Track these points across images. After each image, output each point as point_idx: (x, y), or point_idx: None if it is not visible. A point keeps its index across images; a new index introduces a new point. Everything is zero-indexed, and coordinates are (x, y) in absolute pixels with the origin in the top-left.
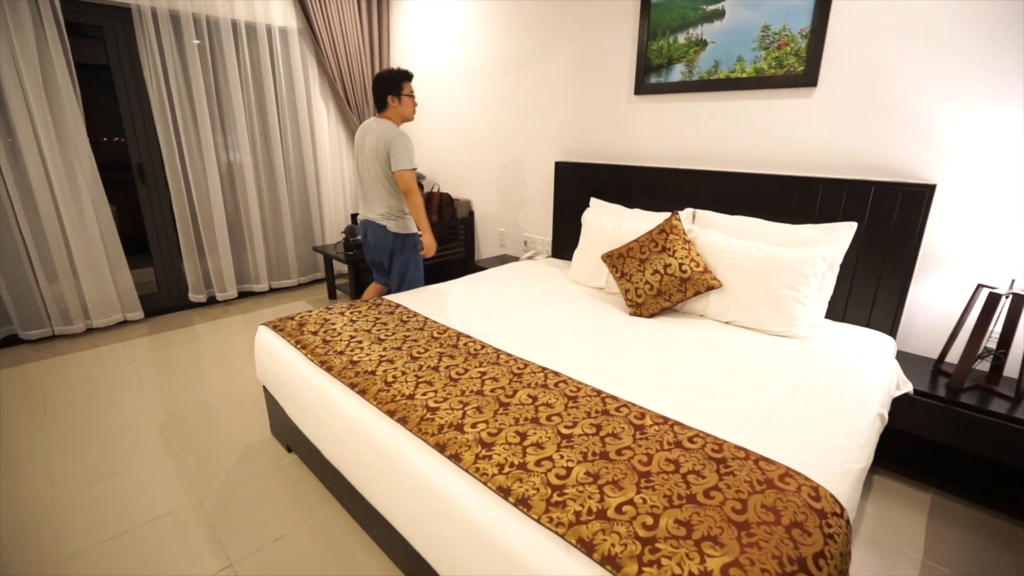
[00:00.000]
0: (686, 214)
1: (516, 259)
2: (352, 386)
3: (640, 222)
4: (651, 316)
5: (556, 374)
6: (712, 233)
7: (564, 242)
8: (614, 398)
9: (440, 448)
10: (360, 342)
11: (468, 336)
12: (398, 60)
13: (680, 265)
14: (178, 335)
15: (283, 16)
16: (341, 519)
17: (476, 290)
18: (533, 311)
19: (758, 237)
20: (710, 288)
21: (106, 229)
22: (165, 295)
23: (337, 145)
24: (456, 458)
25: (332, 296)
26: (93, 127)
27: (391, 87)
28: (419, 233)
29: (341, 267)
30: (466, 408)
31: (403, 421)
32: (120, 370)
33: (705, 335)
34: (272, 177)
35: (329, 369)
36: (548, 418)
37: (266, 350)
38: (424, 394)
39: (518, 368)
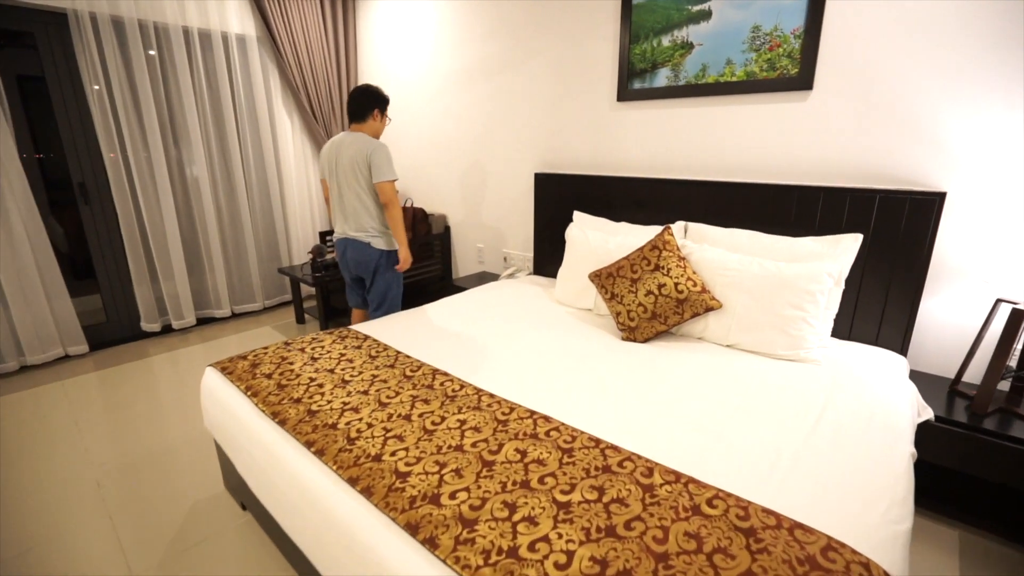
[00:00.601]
0: (678, 227)
1: (496, 276)
2: (308, 444)
3: (629, 237)
4: (646, 341)
5: (547, 419)
6: (708, 248)
7: (547, 258)
8: (615, 449)
9: (412, 529)
10: (321, 385)
11: (445, 373)
12: (366, 69)
13: (676, 285)
14: (128, 369)
15: (240, 23)
16: None
17: (453, 314)
18: (517, 338)
19: (756, 251)
20: (709, 309)
21: (41, 254)
22: (114, 325)
23: (303, 159)
24: (432, 543)
25: (300, 320)
26: (31, 143)
27: (380, 102)
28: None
29: (310, 289)
30: (443, 471)
31: (367, 492)
32: (57, 414)
33: (707, 362)
34: (232, 194)
35: (283, 422)
36: (541, 480)
37: (212, 397)
38: (393, 453)
39: (503, 413)
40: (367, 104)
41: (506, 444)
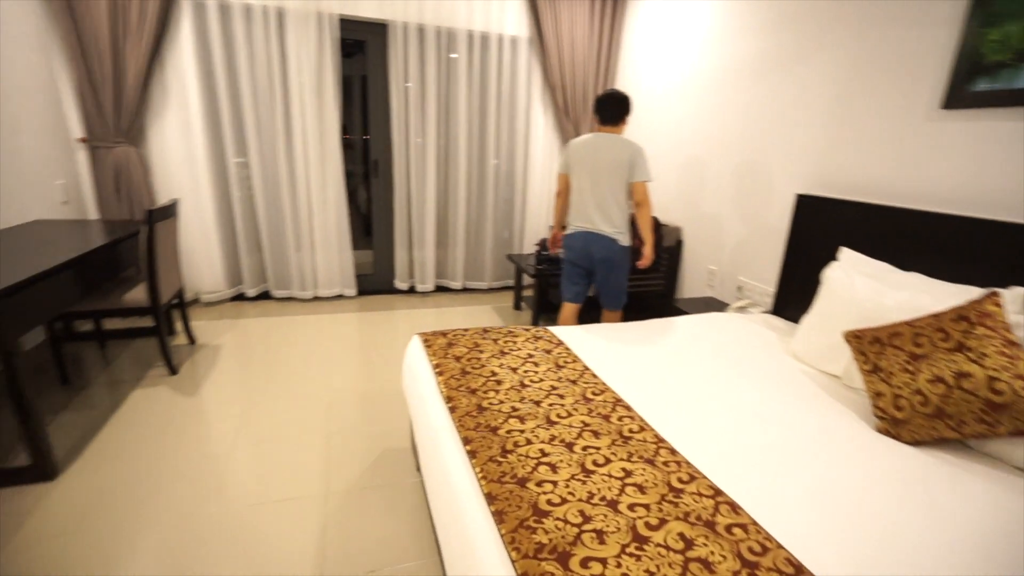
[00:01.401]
0: (1013, 296)
1: (724, 306)
2: (465, 441)
3: (920, 295)
4: (914, 443)
5: (735, 510)
6: None
7: (791, 298)
8: None
9: None
10: (500, 382)
11: (627, 408)
12: (623, 71)
13: (991, 379)
14: (378, 316)
15: (515, 25)
16: (435, 574)
17: (663, 339)
18: (729, 389)
19: None
20: None
21: (341, 214)
22: (377, 278)
23: (548, 155)
24: None
25: (517, 307)
26: (347, 128)
27: (630, 110)
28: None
29: (531, 279)
30: (584, 527)
31: (499, 516)
32: (323, 338)
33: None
34: (482, 181)
35: (453, 409)
36: None
37: (410, 363)
38: (540, 484)
39: (680, 480)
40: (624, 110)
41: (671, 523)
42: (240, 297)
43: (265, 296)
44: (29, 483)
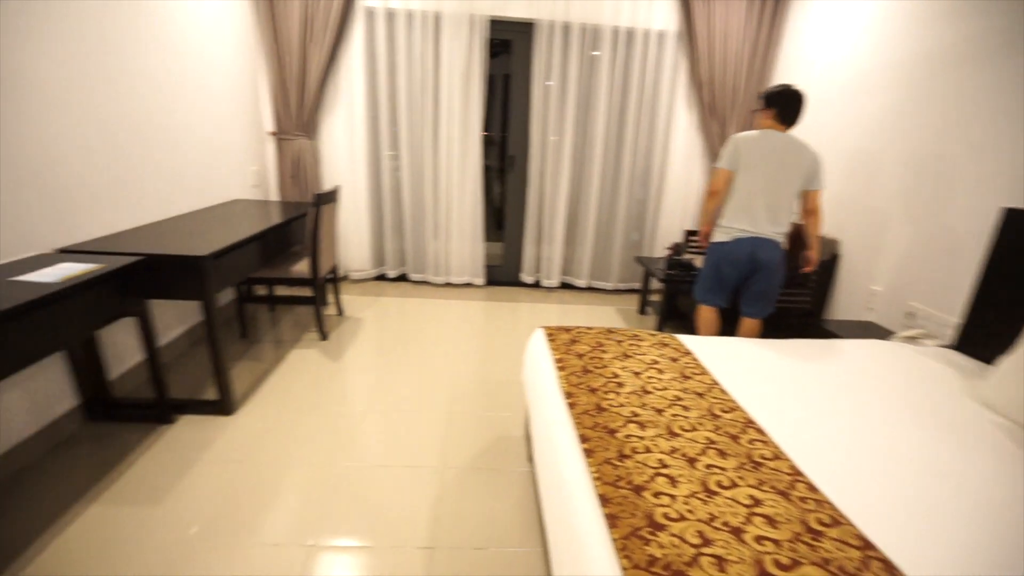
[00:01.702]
0: None
1: (888, 334)
2: (582, 439)
3: None
4: None
5: (891, 572)
6: None
7: (984, 333)
8: None
9: None
10: (621, 384)
11: (760, 431)
12: (786, 67)
13: None
14: (503, 307)
15: (664, 19)
16: (536, 563)
17: (809, 364)
18: (889, 430)
19: None
20: None
21: (477, 206)
22: (504, 269)
23: (688, 156)
24: None
25: (642, 311)
26: (487, 125)
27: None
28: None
29: (659, 284)
30: (703, 549)
31: (612, 520)
32: (452, 322)
33: None
34: (616, 180)
35: (572, 406)
36: None
37: (533, 355)
38: (657, 495)
39: (820, 522)
40: (801, 109)
41: (805, 567)
42: (381, 277)
43: (403, 278)
44: (214, 415)
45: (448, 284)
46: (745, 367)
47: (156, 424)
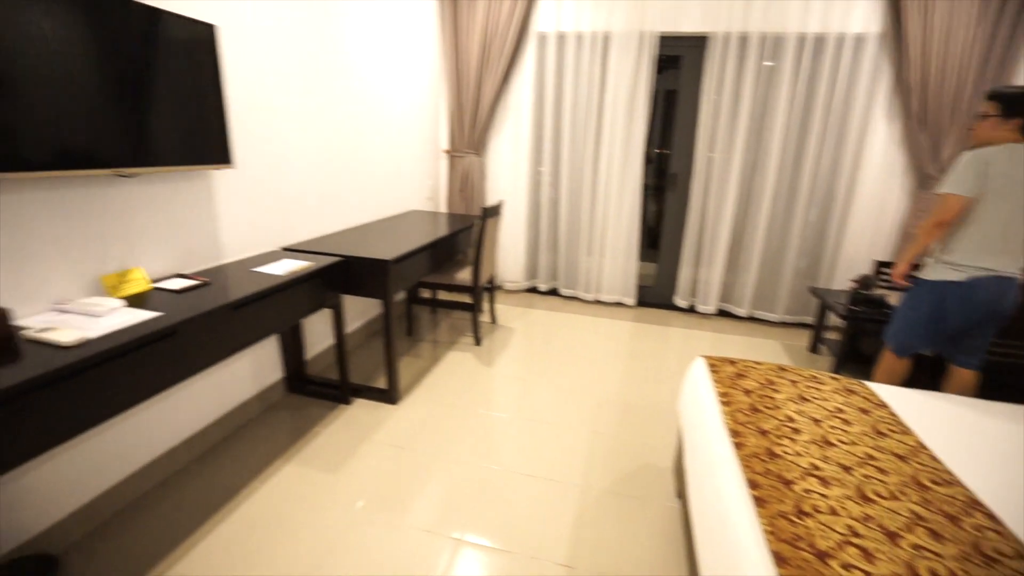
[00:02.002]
0: None
1: None
2: (751, 484)
3: None
4: None
5: None
6: None
7: None
8: None
9: None
10: (797, 431)
11: (990, 516)
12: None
13: None
14: (651, 329)
15: (863, 22)
16: None
17: None
18: None
19: None
20: None
21: (633, 224)
22: (656, 291)
23: (885, 174)
24: None
25: (813, 350)
26: (658, 140)
27: None
28: None
29: (837, 320)
30: None
31: None
32: (600, 341)
33: None
34: (791, 200)
35: (738, 446)
36: None
37: (692, 384)
38: (848, 568)
39: None
40: None
41: None
42: (533, 290)
43: (554, 292)
44: (382, 402)
45: (598, 301)
46: (964, 432)
47: (337, 403)
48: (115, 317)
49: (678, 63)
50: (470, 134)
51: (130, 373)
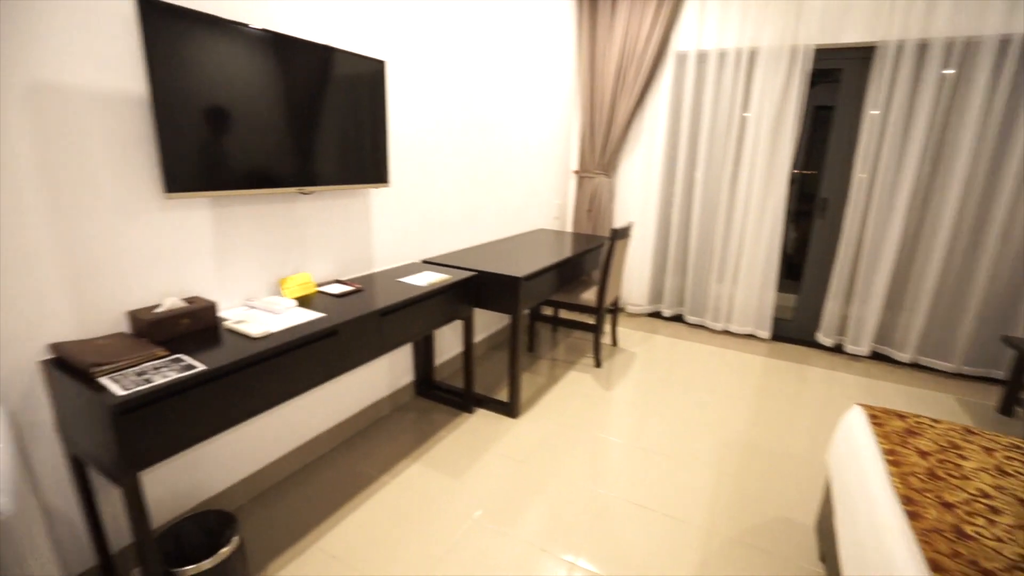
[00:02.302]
0: None
1: None
2: (934, 566)
3: None
4: None
5: None
6: None
7: None
8: None
9: None
10: (996, 511)
11: None
12: None
13: None
14: (787, 367)
15: None
16: None
17: None
18: None
19: None
20: None
21: (772, 251)
22: (796, 325)
23: None
24: None
25: (1005, 412)
26: (802, 160)
27: None
28: None
29: None
30: None
31: None
32: (728, 374)
33: None
34: (979, 232)
35: (913, 516)
36: None
37: (848, 436)
38: None
39: None
40: None
41: None
42: (656, 315)
43: (678, 319)
44: (503, 415)
45: (727, 332)
46: None
47: (460, 411)
48: (290, 315)
49: (834, 76)
50: (600, 155)
51: (299, 365)
